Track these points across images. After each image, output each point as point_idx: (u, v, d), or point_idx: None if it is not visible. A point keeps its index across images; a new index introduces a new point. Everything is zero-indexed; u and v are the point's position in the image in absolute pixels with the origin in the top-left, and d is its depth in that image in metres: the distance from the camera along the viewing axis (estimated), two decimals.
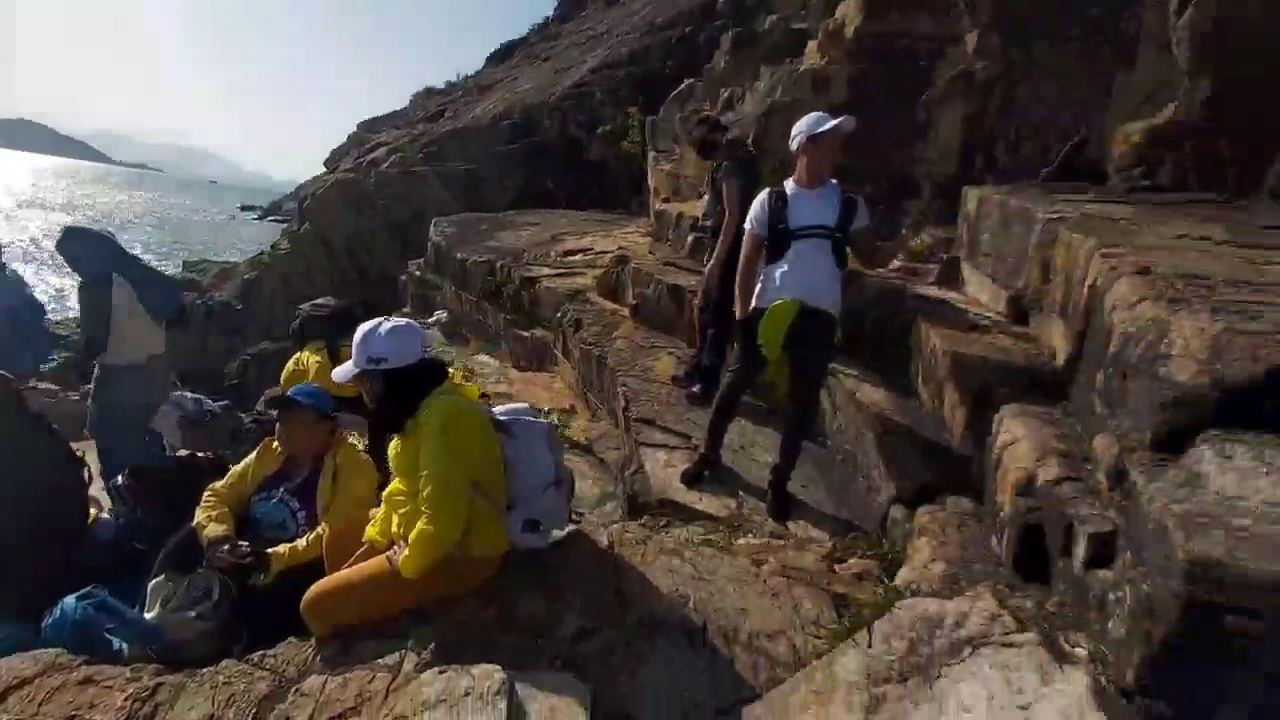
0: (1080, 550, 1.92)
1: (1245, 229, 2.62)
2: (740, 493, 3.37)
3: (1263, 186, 2.89)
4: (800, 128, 3.07)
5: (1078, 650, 1.80)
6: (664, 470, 3.54)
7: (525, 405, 2.54)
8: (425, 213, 11.73)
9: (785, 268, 3.06)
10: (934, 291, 3.90)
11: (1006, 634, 1.60)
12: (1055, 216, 3.09)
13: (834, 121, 2.98)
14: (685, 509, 3.21)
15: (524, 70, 16.90)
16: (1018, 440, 2.42)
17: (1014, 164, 3.96)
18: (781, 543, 2.72)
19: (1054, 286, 2.93)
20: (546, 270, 7.76)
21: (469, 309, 8.77)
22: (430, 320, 9.60)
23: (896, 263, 4.36)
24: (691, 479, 3.39)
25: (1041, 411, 2.53)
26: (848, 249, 3.13)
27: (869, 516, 3.14)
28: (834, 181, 3.13)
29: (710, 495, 3.33)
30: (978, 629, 1.65)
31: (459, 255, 9.16)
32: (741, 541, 2.75)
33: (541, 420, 2.36)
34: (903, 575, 2.45)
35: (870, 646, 1.72)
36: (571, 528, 2.54)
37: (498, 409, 2.35)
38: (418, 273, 10.59)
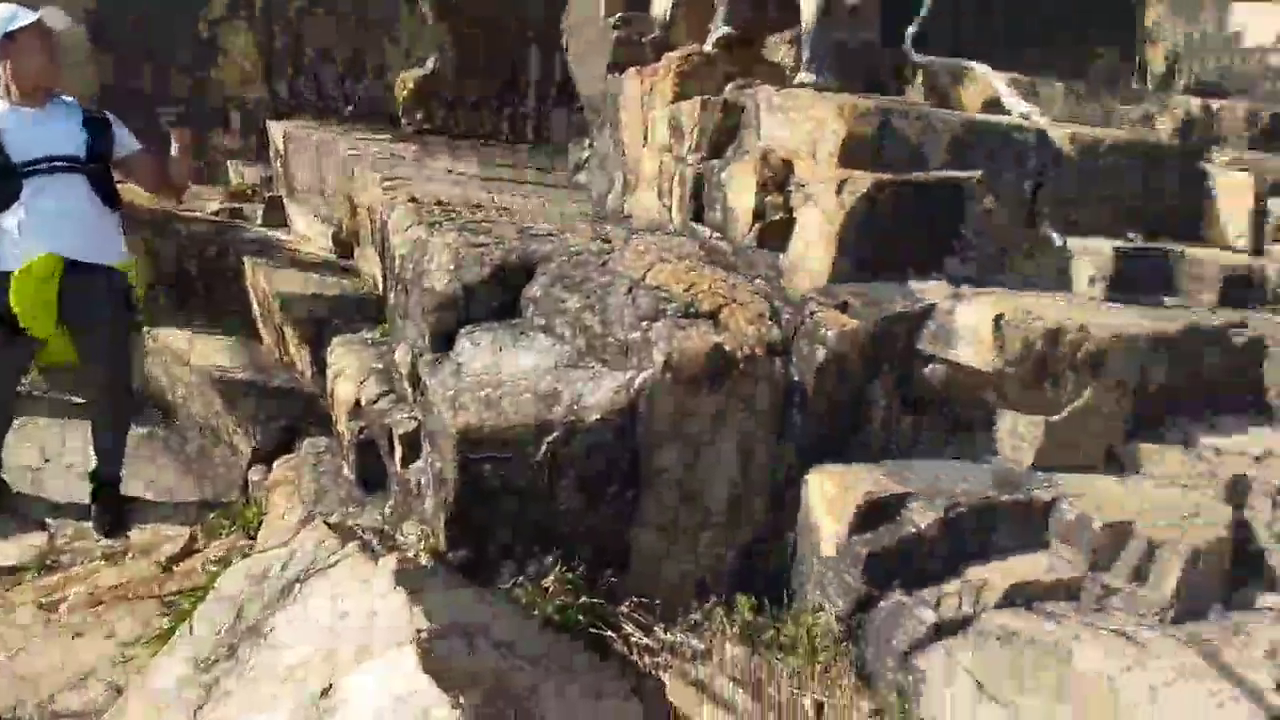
0: (398, 451, 2.17)
1: (488, 164, 3.36)
2: (51, 520, 2.64)
3: (500, 131, 3.71)
4: None
5: (409, 539, 2.06)
6: None
7: None
8: None
9: (23, 215, 2.31)
10: (262, 232, 3.71)
11: (330, 555, 1.67)
12: (355, 154, 3.30)
13: (31, 16, 2.27)
14: None
15: None
16: (345, 368, 2.54)
17: (318, 95, 3.98)
18: (100, 564, 2.19)
19: (361, 219, 3.13)
20: None
21: None
22: None
23: (218, 204, 3.93)
24: None
25: (364, 337, 2.73)
26: (122, 182, 2.56)
27: (234, 488, 2.89)
28: (67, 98, 2.46)
29: None
30: (305, 562, 1.67)
31: None
32: (37, 584, 2.07)
33: None
34: (261, 537, 2.32)
35: (193, 633, 1.54)
36: None
37: None
38: None
